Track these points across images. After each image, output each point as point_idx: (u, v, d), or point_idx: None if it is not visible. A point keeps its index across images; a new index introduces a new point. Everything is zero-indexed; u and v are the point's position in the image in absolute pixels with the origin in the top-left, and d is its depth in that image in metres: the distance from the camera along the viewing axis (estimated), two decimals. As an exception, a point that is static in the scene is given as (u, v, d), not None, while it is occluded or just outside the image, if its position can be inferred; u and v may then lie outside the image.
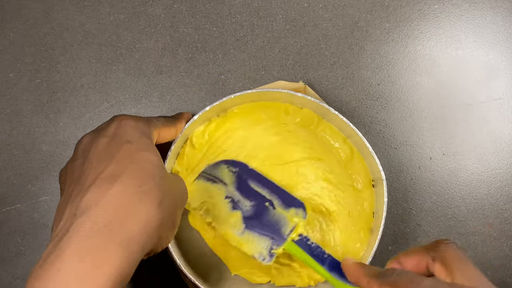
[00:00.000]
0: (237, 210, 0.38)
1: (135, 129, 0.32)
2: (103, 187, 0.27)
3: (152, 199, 0.28)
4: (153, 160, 0.30)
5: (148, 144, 0.31)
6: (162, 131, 0.36)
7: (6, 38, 0.47)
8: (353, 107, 0.47)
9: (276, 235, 0.38)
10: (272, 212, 0.39)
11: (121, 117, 0.33)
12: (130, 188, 0.28)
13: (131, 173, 0.28)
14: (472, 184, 0.46)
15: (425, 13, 0.48)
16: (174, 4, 0.48)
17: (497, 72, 0.47)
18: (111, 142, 0.30)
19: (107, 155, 0.29)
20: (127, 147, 0.30)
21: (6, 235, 0.45)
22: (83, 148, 0.32)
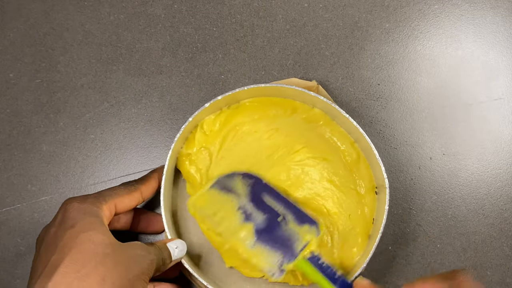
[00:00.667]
0: (249, 222, 0.38)
1: (79, 211, 0.33)
2: (44, 280, 0.29)
3: (92, 282, 0.29)
4: (96, 238, 0.31)
5: (93, 223, 0.32)
6: (120, 202, 0.36)
7: (6, 38, 0.47)
8: (353, 107, 0.47)
9: (288, 251, 0.37)
10: (284, 227, 0.38)
11: (66, 202, 0.34)
12: (68, 275, 0.29)
13: (70, 259, 0.30)
14: (472, 184, 0.46)
15: (425, 13, 0.48)
16: (174, 4, 0.48)
17: (497, 72, 0.47)
18: (57, 230, 0.32)
19: (52, 245, 0.31)
20: (70, 231, 0.31)
21: (6, 235, 0.45)
22: (39, 241, 0.33)
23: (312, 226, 0.38)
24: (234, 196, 0.39)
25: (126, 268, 0.31)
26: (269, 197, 0.40)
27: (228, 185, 0.40)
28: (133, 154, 0.46)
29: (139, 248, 0.34)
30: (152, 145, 0.46)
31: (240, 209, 0.39)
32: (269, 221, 0.38)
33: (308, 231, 0.38)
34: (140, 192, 0.38)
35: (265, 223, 0.38)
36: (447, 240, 0.45)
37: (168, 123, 0.46)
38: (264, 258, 0.37)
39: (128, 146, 0.46)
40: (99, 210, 0.33)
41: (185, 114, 0.46)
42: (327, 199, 0.41)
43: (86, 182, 0.45)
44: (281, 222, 0.38)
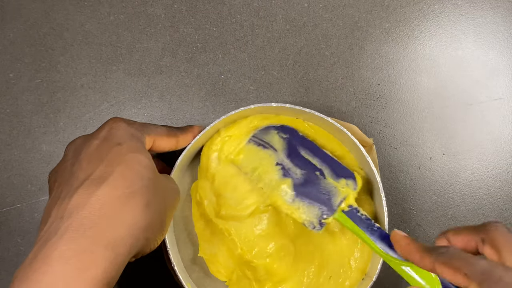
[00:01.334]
0: (287, 178, 0.38)
1: (126, 131, 0.32)
2: (91, 189, 0.27)
3: (139, 201, 0.28)
4: (142, 161, 0.30)
5: (138, 146, 0.31)
6: (159, 140, 0.36)
7: (6, 38, 0.47)
8: (353, 107, 0.47)
9: (326, 205, 0.37)
10: (322, 181, 0.38)
11: (114, 119, 0.33)
12: (117, 190, 0.28)
13: (119, 174, 0.28)
14: (472, 184, 0.46)
15: (425, 13, 0.48)
16: (174, 4, 0.48)
17: (497, 72, 0.47)
18: (101, 144, 0.31)
19: (97, 157, 0.30)
20: (117, 149, 0.30)
21: (6, 235, 0.45)
22: (74, 149, 0.32)
23: (349, 180, 0.38)
24: (271, 151, 0.39)
25: (163, 197, 0.31)
26: (306, 151, 0.40)
27: (264, 140, 0.40)
28: (133, 154, 0.46)
29: (173, 181, 0.34)
30: (152, 145, 0.46)
31: (278, 165, 0.39)
32: (307, 176, 0.38)
33: (345, 185, 0.38)
34: (177, 139, 0.37)
35: (303, 178, 0.38)
36: (447, 240, 0.45)
37: (168, 123, 0.46)
38: (304, 212, 0.37)
39: (128, 146, 0.46)
40: (143, 137, 0.33)
41: (185, 114, 0.46)
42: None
43: (86, 182, 0.45)
44: (319, 176, 0.38)
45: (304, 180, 0.38)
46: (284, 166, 0.39)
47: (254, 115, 0.41)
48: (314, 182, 0.38)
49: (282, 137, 0.40)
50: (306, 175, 0.38)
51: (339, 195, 0.37)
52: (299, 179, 0.38)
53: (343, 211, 0.37)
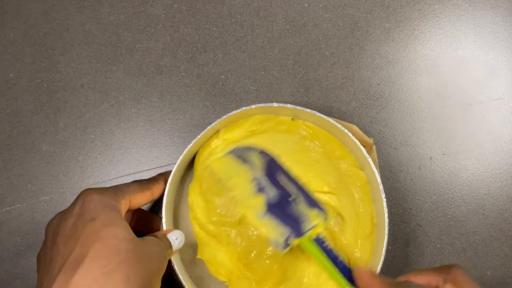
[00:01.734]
0: (262, 194, 0.39)
1: (99, 203, 0.32)
2: (67, 275, 0.28)
3: (118, 278, 0.28)
4: (118, 234, 0.30)
5: (113, 217, 0.31)
6: (134, 198, 0.35)
7: (6, 38, 0.47)
8: (353, 107, 0.47)
9: (295, 228, 0.37)
10: (295, 206, 0.38)
11: (85, 192, 0.33)
12: (93, 272, 0.28)
13: (95, 254, 0.29)
14: (472, 184, 0.46)
15: (425, 13, 0.48)
16: (174, 4, 0.48)
17: (497, 72, 0.47)
18: (76, 222, 0.31)
19: (72, 238, 0.30)
20: (91, 225, 0.30)
21: (6, 235, 0.45)
22: (52, 231, 0.32)
23: (321, 211, 0.38)
24: (250, 167, 0.40)
25: (146, 265, 0.31)
26: (283, 177, 0.40)
27: (244, 156, 0.40)
28: (133, 154, 0.46)
29: (155, 244, 0.33)
30: (152, 145, 0.46)
31: (254, 180, 0.39)
32: (281, 197, 0.39)
33: (317, 215, 0.38)
34: (151, 191, 0.37)
35: (276, 198, 0.39)
36: (447, 240, 0.45)
37: (168, 123, 0.46)
38: (272, 229, 0.37)
39: (128, 146, 0.46)
40: (118, 204, 0.33)
41: (185, 114, 0.46)
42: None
43: (86, 182, 0.45)
44: (292, 202, 0.39)
45: (278, 201, 0.38)
46: (260, 183, 0.39)
47: (255, 115, 0.41)
48: (287, 206, 0.38)
49: (262, 158, 0.40)
50: (280, 197, 0.39)
51: (310, 222, 0.38)
52: (272, 199, 0.38)
53: (311, 238, 0.37)
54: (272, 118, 0.42)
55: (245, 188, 0.39)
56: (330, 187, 0.41)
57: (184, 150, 0.39)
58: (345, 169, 0.42)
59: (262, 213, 0.38)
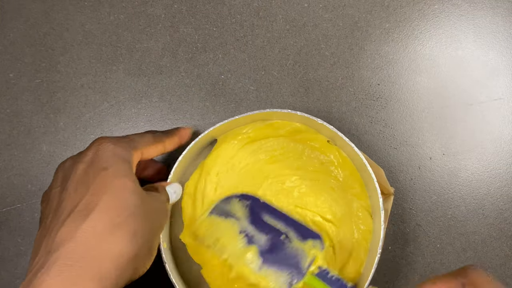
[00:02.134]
0: (252, 245, 0.38)
1: (113, 153, 0.32)
2: (77, 221, 0.28)
3: (125, 232, 0.28)
4: (129, 187, 0.30)
5: (125, 169, 0.31)
6: (146, 150, 0.35)
7: (6, 38, 0.47)
8: (353, 107, 0.47)
9: (295, 269, 0.37)
10: (288, 245, 0.38)
11: (100, 140, 0.33)
12: (103, 222, 0.28)
13: (105, 204, 0.29)
14: (472, 184, 0.46)
15: (425, 13, 0.48)
16: (174, 4, 0.48)
17: (497, 72, 0.47)
18: (88, 169, 0.31)
19: (83, 184, 0.30)
20: (103, 174, 0.30)
21: (6, 235, 0.45)
22: (62, 175, 0.32)
23: (315, 240, 0.38)
24: (234, 220, 0.39)
25: (151, 222, 0.31)
26: (269, 216, 0.39)
27: (226, 210, 0.40)
28: (133, 154, 0.46)
29: (159, 200, 0.34)
30: (152, 145, 0.46)
31: (242, 233, 0.38)
32: (272, 241, 0.38)
33: (312, 246, 0.38)
34: (164, 145, 0.37)
35: (268, 244, 0.38)
36: (447, 240, 0.45)
37: (168, 123, 0.46)
38: (273, 279, 0.37)
39: (128, 146, 0.46)
40: (130, 156, 0.33)
41: (185, 114, 0.46)
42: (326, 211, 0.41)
43: (86, 182, 0.45)
44: (284, 241, 0.38)
45: (270, 246, 0.38)
46: (248, 233, 0.38)
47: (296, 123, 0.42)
48: (281, 247, 0.38)
49: (243, 204, 0.40)
50: (272, 241, 0.38)
51: (307, 257, 0.37)
52: (264, 245, 0.38)
53: (313, 274, 0.36)
54: (311, 133, 0.42)
55: (235, 245, 0.38)
56: (334, 217, 0.41)
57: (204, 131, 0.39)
58: (356, 208, 0.41)
59: (258, 265, 0.37)
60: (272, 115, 0.41)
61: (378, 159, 0.46)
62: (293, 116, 0.40)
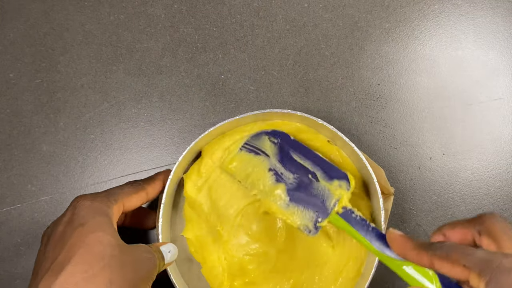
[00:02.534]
0: (281, 183, 0.38)
1: (90, 209, 0.32)
2: (52, 277, 0.29)
3: (99, 284, 0.29)
4: (104, 240, 0.31)
5: (102, 223, 0.32)
6: (128, 201, 0.36)
7: (6, 38, 0.47)
8: (353, 107, 0.47)
9: (321, 208, 0.37)
10: (315, 184, 0.38)
11: (77, 199, 0.33)
12: (75, 276, 0.29)
13: (79, 258, 0.29)
14: (472, 184, 0.46)
15: (425, 13, 0.48)
16: (174, 4, 0.48)
17: (497, 72, 0.47)
18: (66, 228, 0.32)
19: (61, 243, 0.31)
20: (79, 230, 0.31)
21: (6, 235, 0.45)
22: (45, 238, 0.33)
23: (342, 181, 0.38)
24: (264, 157, 0.39)
25: (132, 271, 0.31)
26: (298, 154, 0.40)
27: (256, 146, 0.40)
28: (133, 154, 0.46)
29: (144, 251, 0.33)
30: (152, 145, 0.46)
31: (271, 170, 0.39)
32: (300, 180, 0.38)
33: (338, 187, 0.38)
34: (146, 192, 0.38)
35: (296, 183, 0.38)
36: (447, 240, 0.45)
37: (168, 123, 0.46)
38: (299, 217, 0.37)
39: (128, 146, 0.46)
40: (109, 210, 0.33)
41: (185, 114, 0.46)
42: None
43: (86, 182, 0.45)
44: (311, 180, 0.38)
45: (298, 185, 0.38)
46: (277, 171, 0.39)
47: (296, 123, 0.42)
48: (307, 186, 0.38)
49: (273, 142, 0.40)
50: (299, 179, 0.38)
51: (332, 197, 0.37)
52: (292, 184, 0.38)
53: (338, 213, 0.37)
54: (312, 133, 0.42)
55: (264, 182, 0.39)
56: None
57: (187, 148, 0.39)
58: (356, 208, 0.41)
59: (285, 203, 0.38)
60: (273, 115, 0.41)
61: (378, 159, 0.46)
62: (293, 116, 0.40)
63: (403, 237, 0.31)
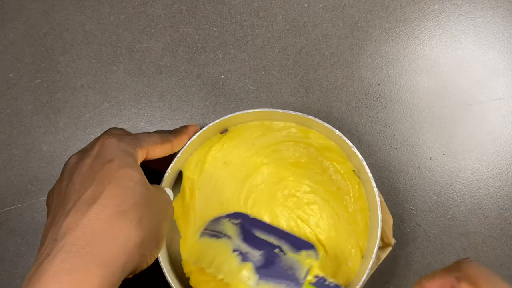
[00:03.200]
0: (247, 262, 0.38)
1: (118, 147, 0.32)
2: (82, 209, 0.28)
3: (131, 218, 0.29)
4: (134, 176, 0.30)
5: (130, 161, 0.32)
6: (152, 149, 0.36)
7: (6, 38, 0.47)
8: (353, 107, 0.47)
9: (292, 281, 0.37)
10: (283, 257, 0.38)
11: (105, 135, 0.33)
12: (109, 208, 0.28)
13: (110, 192, 0.29)
14: (472, 184, 0.46)
15: (425, 13, 0.48)
16: (174, 4, 0.48)
17: (497, 72, 0.47)
18: (94, 162, 0.31)
19: (89, 176, 0.30)
20: (108, 166, 0.30)
21: (6, 235, 0.45)
22: (69, 169, 0.32)
23: (309, 250, 0.38)
24: (226, 240, 0.39)
25: (157, 211, 0.31)
26: (261, 232, 0.39)
27: (217, 230, 0.40)
28: (133, 154, 0.46)
29: (164, 192, 0.34)
30: (152, 145, 0.46)
31: (236, 251, 0.38)
32: (267, 255, 0.38)
33: (307, 256, 0.38)
34: (171, 144, 0.37)
35: (263, 259, 0.38)
36: (447, 240, 0.45)
37: (168, 123, 0.46)
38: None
39: (128, 146, 0.46)
40: (134, 152, 0.33)
41: (185, 114, 0.46)
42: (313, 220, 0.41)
43: (86, 182, 0.45)
44: (278, 254, 0.38)
45: (265, 261, 0.38)
46: (242, 251, 0.38)
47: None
48: (275, 261, 0.38)
49: (233, 223, 0.40)
50: (266, 255, 0.38)
51: (302, 268, 0.37)
52: (259, 261, 0.38)
53: (311, 283, 0.37)
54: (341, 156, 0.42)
55: (230, 264, 0.38)
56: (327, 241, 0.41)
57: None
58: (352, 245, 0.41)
59: (255, 281, 0.37)
60: (271, 114, 0.41)
61: (378, 159, 0.46)
62: (289, 116, 0.40)
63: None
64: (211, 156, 0.42)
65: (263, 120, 0.42)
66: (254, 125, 0.42)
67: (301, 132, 0.42)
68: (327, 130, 0.40)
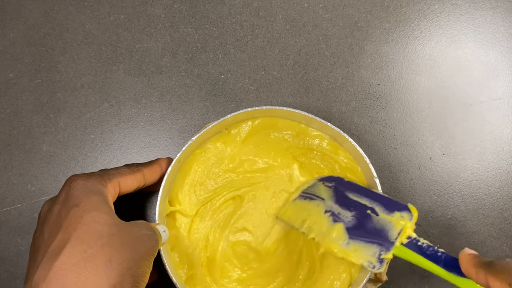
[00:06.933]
0: (338, 222, 0.38)
1: (84, 189, 0.32)
2: (50, 261, 0.28)
3: (98, 262, 0.28)
4: (100, 219, 0.30)
5: (97, 202, 0.31)
6: (124, 180, 0.35)
7: (6, 38, 0.47)
8: (353, 107, 0.47)
9: (384, 241, 0.36)
10: (375, 218, 0.37)
11: (71, 179, 0.33)
12: (74, 256, 0.28)
13: (76, 239, 0.29)
14: (472, 184, 0.46)
15: (425, 13, 0.48)
16: (174, 4, 0.48)
17: (497, 72, 0.47)
18: (61, 208, 0.31)
19: (56, 225, 0.30)
20: (74, 211, 0.30)
21: (6, 235, 0.45)
22: (41, 218, 0.33)
23: (403, 212, 0.37)
24: (319, 201, 0.39)
25: (132, 249, 0.31)
26: (353, 193, 0.39)
27: (310, 192, 0.40)
28: (133, 154, 0.46)
29: (144, 228, 0.33)
30: (152, 145, 0.46)
31: (327, 212, 0.38)
32: (358, 216, 0.38)
33: (400, 218, 0.37)
34: (142, 174, 0.37)
35: (355, 220, 0.38)
36: (447, 240, 0.45)
37: (168, 123, 0.46)
38: (361, 253, 0.36)
39: (128, 146, 0.46)
40: (104, 188, 0.33)
41: (185, 114, 0.46)
42: None
43: (86, 182, 0.45)
44: (371, 215, 0.38)
45: (356, 221, 0.37)
46: (333, 211, 0.38)
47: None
48: (367, 222, 0.37)
49: (327, 186, 0.40)
50: (358, 216, 0.38)
51: (395, 228, 0.36)
52: (350, 222, 0.38)
53: (403, 244, 0.35)
54: (358, 173, 0.42)
55: (321, 224, 0.38)
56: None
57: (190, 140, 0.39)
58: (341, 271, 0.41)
59: (345, 241, 0.37)
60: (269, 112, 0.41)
61: (378, 159, 0.46)
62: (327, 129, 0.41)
63: (469, 256, 0.31)
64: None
65: (300, 122, 0.42)
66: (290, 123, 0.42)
67: (331, 147, 0.42)
68: (355, 153, 0.40)
